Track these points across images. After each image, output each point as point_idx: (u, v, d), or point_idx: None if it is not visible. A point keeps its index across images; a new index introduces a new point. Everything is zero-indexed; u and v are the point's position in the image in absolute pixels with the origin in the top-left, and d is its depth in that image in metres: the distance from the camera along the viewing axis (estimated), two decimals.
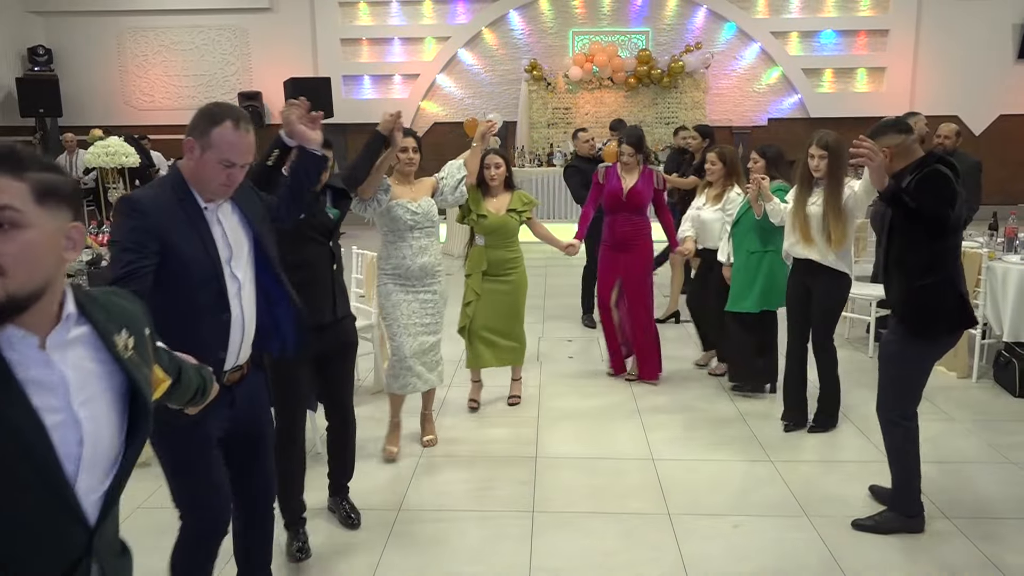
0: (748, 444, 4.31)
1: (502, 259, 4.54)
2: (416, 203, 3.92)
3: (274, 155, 2.72)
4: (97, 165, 4.90)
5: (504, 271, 4.56)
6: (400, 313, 3.97)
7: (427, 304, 4.03)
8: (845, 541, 3.31)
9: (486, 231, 4.49)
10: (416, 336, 4.00)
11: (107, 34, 13.24)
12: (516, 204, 4.50)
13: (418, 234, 3.92)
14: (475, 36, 13.10)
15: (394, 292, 3.97)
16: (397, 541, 3.36)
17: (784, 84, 13.03)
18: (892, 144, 3.22)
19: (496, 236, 4.49)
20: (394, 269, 3.95)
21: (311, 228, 3.09)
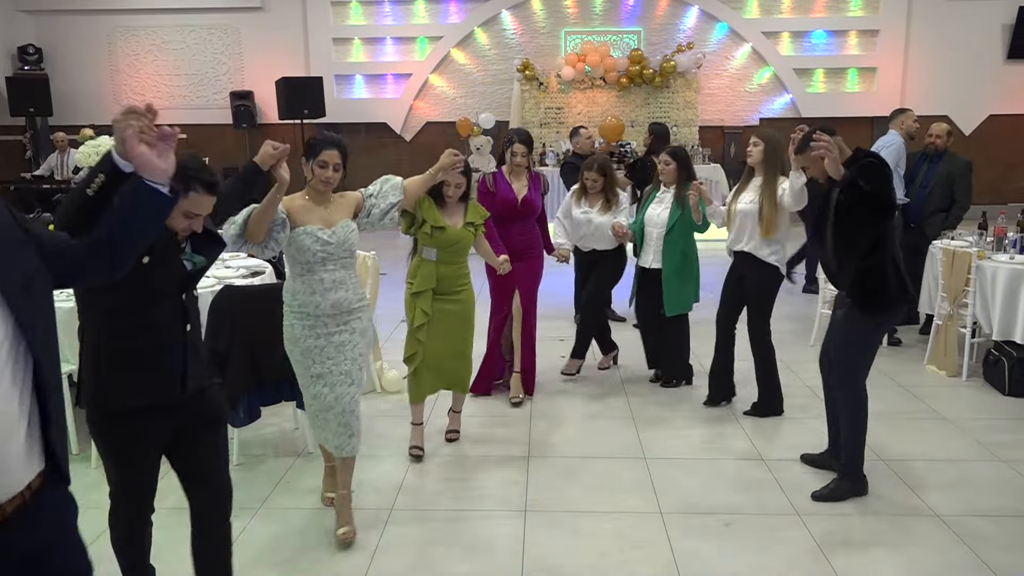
0: (740, 443, 4.33)
1: (454, 276, 4.10)
2: (330, 230, 3.22)
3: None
4: (88, 164, 4.87)
5: (455, 289, 4.12)
6: (311, 361, 3.28)
7: (343, 347, 3.30)
8: (836, 539, 3.33)
9: (441, 245, 4.02)
10: (334, 387, 3.29)
11: (98, 33, 13.17)
12: (473, 217, 4.13)
13: (332, 266, 3.23)
14: (467, 36, 13.08)
15: (302, 336, 3.26)
16: (389, 541, 3.36)
17: (775, 84, 13.07)
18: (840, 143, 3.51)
19: (451, 251, 4.05)
20: (301, 307, 3.26)
21: (163, 280, 2.37)
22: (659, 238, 4.92)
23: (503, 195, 4.78)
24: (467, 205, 4.14)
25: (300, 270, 3.25)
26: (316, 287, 3.23)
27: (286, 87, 11.81)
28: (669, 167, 4.87)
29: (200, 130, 13.21)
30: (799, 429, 4.51)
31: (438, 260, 4.05)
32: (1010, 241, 5.39)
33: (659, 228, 4.92)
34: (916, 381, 5.30)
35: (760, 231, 4.40)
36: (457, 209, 4.11)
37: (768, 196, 4.37)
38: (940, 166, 6.21)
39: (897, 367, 5.59)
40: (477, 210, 4.17)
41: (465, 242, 4.10)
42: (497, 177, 4.83)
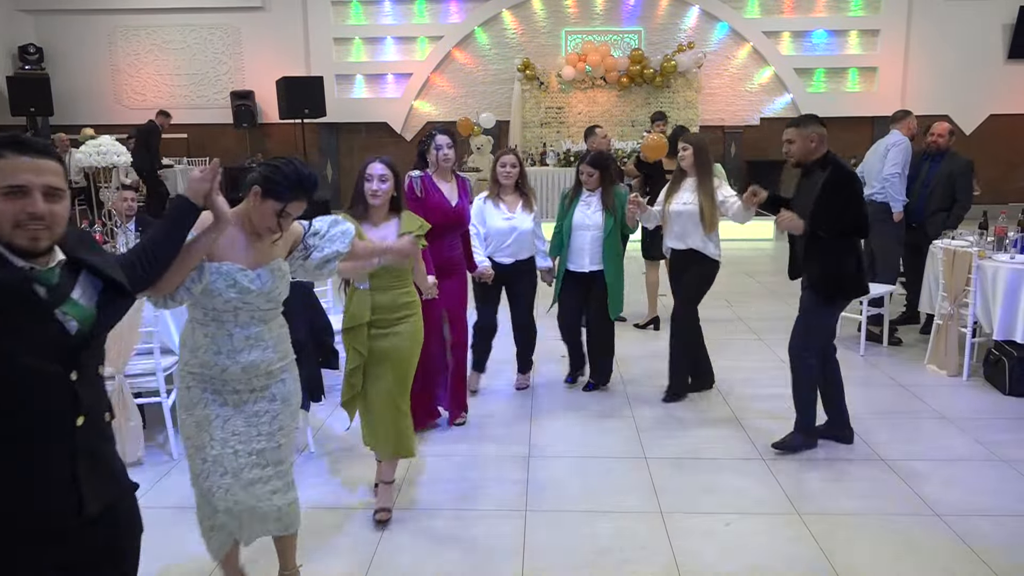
0: (740, 443, 4.33)
1: (394, 303, 3.41)
2: (253, 272, 2.47)
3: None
4: (89, 164, 4.86)
5: (397, 319, 3.42)
6: (210, 438, 2.52)
7: (258, 420, 2.57)
8: (836, 538, 3.32)
9: (373, 269, 3.26)
10: (238, 473, 2.52)
11: (98, 33, 13.19)
12: (409, 226, 3.40)
13: (247, 318, 2.49)
14: (468, 35, 13.10)
15: (201, 402, 2.53)
16: (390, 540, 3.36)
17: (776, 84, 13.08)
18: (817, 133, 4.00)
19: (386, 274, 3.34)
20: (202, 367, 2.51)
21: (29, 347, 1.63)
22: (594, 240, 4.86)
23: (435, 202, 4.20)
24: (400, 214, 3.44)
25: (203, 318, 2.49)
26: (223, 345, 2.48)
27: (287, 87, 11.83)
28: (592, 177, 4.85)
29: (201, 130, 13.25)
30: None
31: (373, 287, 3.36)
32: (1011, 241, 5.39)
33: (594, 231, 4.86)
34: (917, 381, 5.30)
35: (703, 229, 4.66)
36: (386, 220, 3.41)
37: (706, 196, 4.63)
38: (942, 165, 6.21)
39: (898, 367, 5.59)
40: (412, 219, 3.46)
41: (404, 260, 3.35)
42: (427, 181, 4.25)
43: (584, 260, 4.91)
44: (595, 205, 4.89)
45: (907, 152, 6.12)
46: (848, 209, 3.93)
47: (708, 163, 4.75)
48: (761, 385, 5.23)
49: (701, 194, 4.64)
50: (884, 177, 6.09)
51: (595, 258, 4.90)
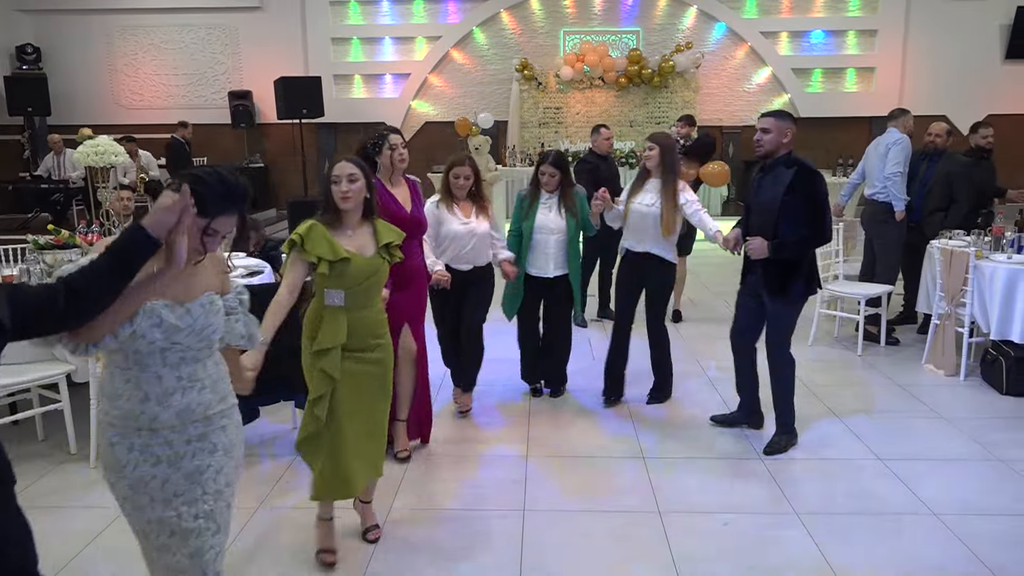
0: (737, 442, 4.33)
1: (370, 323, 3.08)
2: (182, 308, 2.07)
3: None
4: (86, 164, 4.87)
5: (372, 342, 3.10)
6: (147, 500, 2.11)
7: (199, 477, 2.16)
8: (834, 538, 3.33)
9: (350, 283, 2.96)
10: (187, 539, 2.15)
11: (96, 33, 13.16)
12: (388, 236, 3.10)
13: (176, 359, 2.09)
14: (466, 36, 13.09)
15: (129, 461, 2.09)
16: (387, 542, 3.36)
17: (774, 84, 13.08)
18: (789, 129, 4.04)
19: (363, 290, 3.01)
20: (126, 419, 2.08)
21: None
22: (558, 244, 4.73)
23: (391, 211, 3.78)
24: (374, 223, 3.11)
25: (124, 362, 2.07)
26: (151, 390, 2.08)
27: (285, 87, 11.81)
28: (554, 178, 4.71)
29: (199, 130, 13.22)
30: (799, 428, 4.50)
31: (348, 305, 3.00)
32: (1008, 241, 5.40)
33: (558, 234, 4.73)
34: (914, 380, 5.31)
35: (661, 232, 4.54)
36: (362, 229, 3.07)
37: (668, 199, 4.51)
38: (939, 165, 6.22)
39: (895, 366, 5.60)
40: (388, 228, 3.14)
41: (381, 275, 3.09)
42: (378, 187, 3.74)
43: (548, 265, 4.76)
44: (556, 207, 4.76)
45: (907, 150, 6.10)
46: (817, 209, 3.97)
47: (675, 164, 4.60)
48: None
49: (664, 196, 4.52)
50: (886, 176, 6.06)
51: (559, 262, 4.77)
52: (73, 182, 10.38)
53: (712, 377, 5.37)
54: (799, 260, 4.06)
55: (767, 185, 4.11)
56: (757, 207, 4.15)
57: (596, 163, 6.52)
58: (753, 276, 4.23)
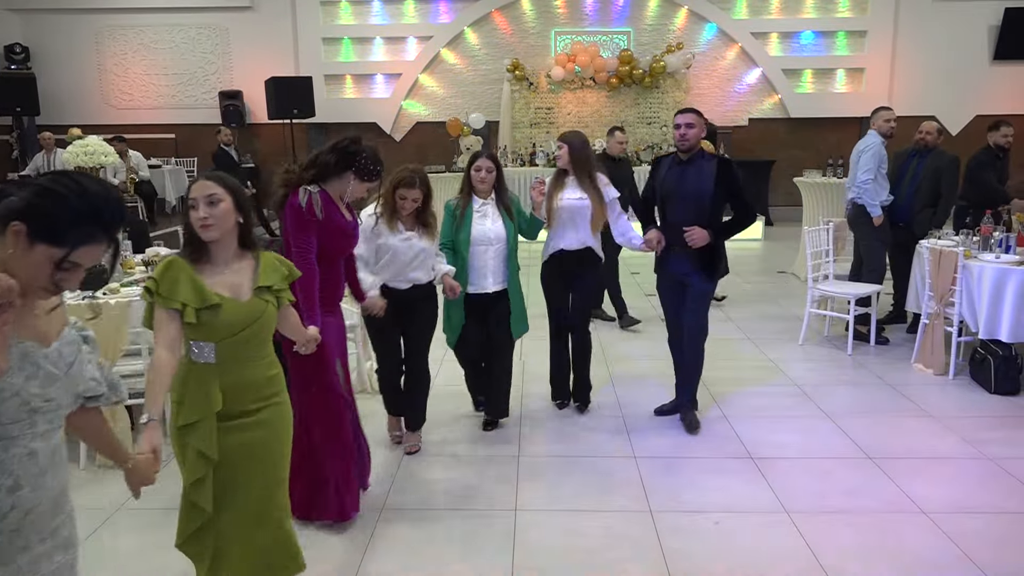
0: (727, 442, 4.35)
1: (253, 383, 2.43)
2: (47, 348, 1.67)
3: None
4: (76, 164, 4.85)
5: (257, 404, 2.45)
6: None
7: None
8: (824, 536, 3.34)
9: (223, 333, 2.33)
10: None
11: (85, 32, 13.10)
12: (271, 277, 2.46)
13: (46, 425, 1.67)
14: (457, 36, 13.09)
15: None
16: (380, 541, 3.36)
17: (764, 85, 13.13)
18: (704, 126, 4.39)
19: (239, 343, 2.37)
20: None
21: None
22: (497, 255, 4.26)
23: (337, 223, 3.30)
24: (257, 256, 2.47)
25: None
26: (25, 473, 1.62)
27: (276, 87, 11.79)
28: (491, 175, 4.25)
29: (189, 130, 13.19)
30: (789, 427, 4.54)
31: (220, 360, 2.35)
32: (996, 240, 5.44)
33: (497, 244, 4.25)
34: (903, 379, 5.34)
35: (592, 227, 4.50)
36: (239, 265, 2.42)
37: (593, 193, 4.47)
38: (927, 161, 6.25)
39: (884, 366, 5.63)
40: (273, 265, 2.50)
41: (265, 322, 2.41)
42: (324, 198, 3.27)
43: (487, 280, 4.26)
44: (492, 214, 4.26)
45: (878, 156, 6.09)
46: (744, 194, 4.35)
47: (587, 160, 4.52)
48: (750, 384, 5.25)
49: (587, 191, 4.47)
50: (857, 184, 6.11)
51: (499, 276, 4.29)
52: None
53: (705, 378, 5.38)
54: (722, 243, 4.39)
55: (691, 177, 4.33)
56: (682, 198, 4.33)
57: (610, 166, 6.41)
58: (674, 264, 4.40)
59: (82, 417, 1.84)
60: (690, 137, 4.29)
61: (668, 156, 4.53)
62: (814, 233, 6.29)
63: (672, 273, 4.46)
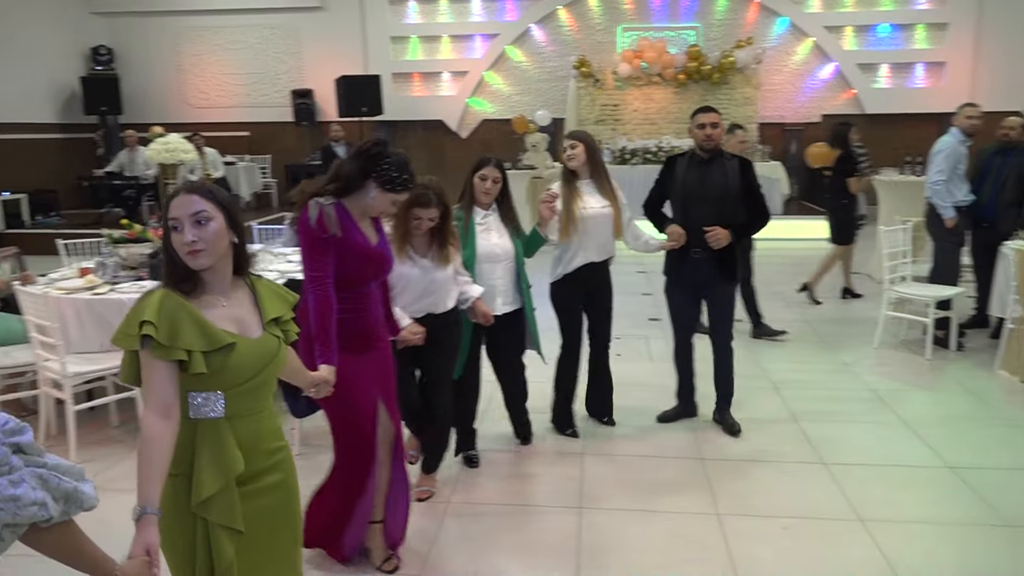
0: (799, 446, 4.25)
1: (262, 435, 2.04)
2: None
3: None
4: (157, 161, 5.03)
5: (268, 462, 2.05)
6: None
7: None
8: (900, 547, 3.24)
9: (235, 380, 1.92)
10: None
11: (165, 34, 13.59)
12: (276, 306, 2.07)
13: None
14: (523, 33, 13.11)
15: None
16: (446, 534, 3.40)
17: (839, 80, 12.77)
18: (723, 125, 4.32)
19: (250, 390, 1.96)
20: None
21: None
22: (507, 273, 3.85)
23: (357, 243, 2.80)
24: (251, 283, 2.06)
25: None
26: None
27: (345, 85, 12.01)
28: (497, 185, 3.79)
29: (262, 128, 13.56)
30: (862, 432, 4.41)
31: (231, 414, 1.94)
32: None
33: (506, 260, 3.83)
34: (986, 387, 5.12)
35: (613, 234, 4.22)
36: (237, 295, 2.00)
37: (612, 198, 4.18)
38: (1012, 159, 5.99)
39: (965, 372, 5.41)
40: (273, 291, 2.10)
41: (278, 363, 2.04)
42: (341, 212, 2.78)
43: (495, 302, 3.81)
44: (496, 227, 3.84)
45: (952, 157, 5.86)
46: (761, 193, 4.33)
47: (602, 160, 4.28)
48: (822, 388, 5.12)
49: (606, 195, 4.16)
50: (929, 185, 5.93)
51: (509, 296, 3.88)
52: (144, 178, 10.72)
53: (776, 381, 5.28)
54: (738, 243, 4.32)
55: (715, 177, 4.21)
56: (702, 198, 4.20)
57: None
58: (691, 271, 4.28)
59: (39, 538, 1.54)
60: (715, 137, 4.20)
61: (684, 155, 4.35)
62: (891, 233, 6.09)
63: (690, 282, 4.33)
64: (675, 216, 4.35)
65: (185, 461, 1.89)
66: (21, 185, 11.38)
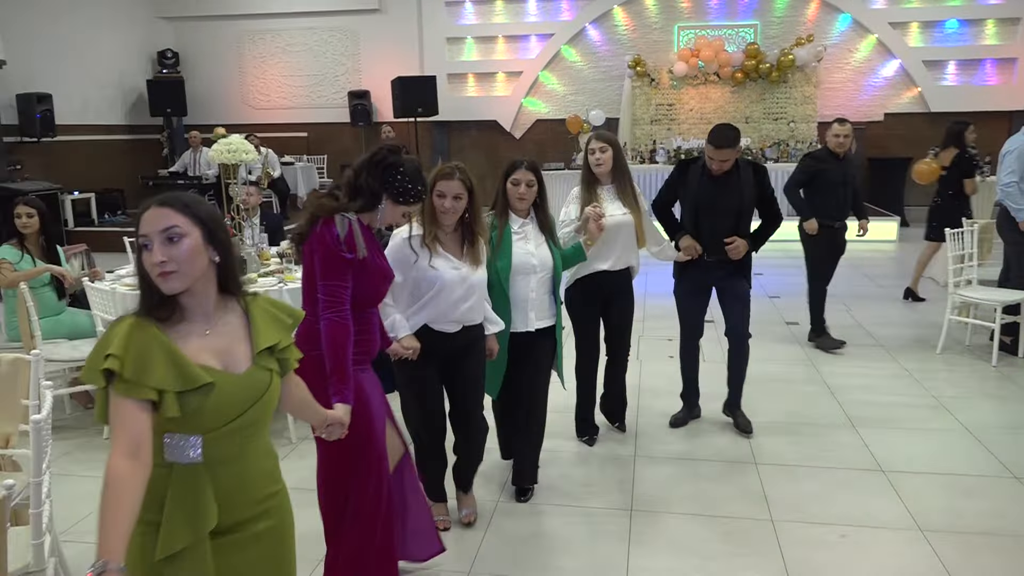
0: (856, 453, 4.15)
1: (252, 481, 1.79)
2: None
3: None
4: (220, 161, 5.16)
5: (256, 509, 1.80)
6: None
7: None
8: (963, 558, 3.14)
9: (215, 421, 1.68)
10: None
11: (228, 37, 13.95)
12: (272, 332, 1.80)
13: None
14: (579, 33, 13.08)
15: None
16: (495, 533, 3.42)
17: (903, 77, 12.42)
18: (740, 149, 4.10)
19: (233, 432, 1.71)
20: None
21: None
22: (541, 286, 3.49)
23: (378, 262, 2.64)
24: (245, 305, 1.79)
25: None
26: None
27: (401, 86, 12.15)
28: (532, 188, 3.43)
29: (319, 128, 13.82)
30: (923, 440, 4.29)
31: (210, 460, 1.69)
32: None
33: (543, 272, 3.48)
34: None
35: (635, 242, 4.03)
36: (225, 319, 1.75)
37: (634, 204, 3.97)
38: None
39: None
40: (271, 314, 1.83)
41: (270, 400, 1.78)
42: (360, 229, 2.54)
43: (528, 316, 3.46)
44: (533, 236, 3.48)
45: (1022, 157, 5.67)
46: (775, 197, 4.30)
47: (626, 166, 4.05)
48: (882, 393, 4.99)
49: (628, 202, 3.94)
50: (1000, 187, 5.71)
51: (543, 311, 3.52)
52: (206, 178, 11.03)
53: (832, 385, 5.17)
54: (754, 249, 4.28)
55: (732, 189, 4.08)
56: (721, 212, 4.10)
57: (831, 164, 5.77)
58: (702, 270, 4.21)
59: None
60: (726, 168, 4.03)
61: (696, 162, 4.18)
62: (956, 235, 5.90)
63: (700, 284, 4.29)
64: (687, 224, 4.26)
65: (156, 507, 1.64)
66: (90, 185, 11.83)
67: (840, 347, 5.92)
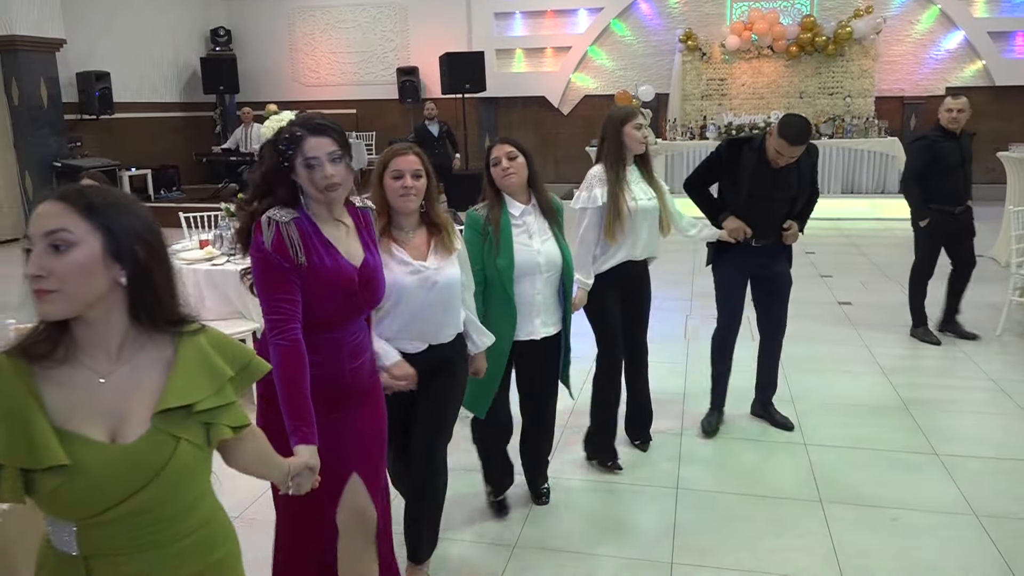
0: (910, 436, 4.07)
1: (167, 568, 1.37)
2: None
3: None
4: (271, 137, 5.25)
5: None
6: None
7: None
8: (1021, 546, 3.06)
9: (84, 509, 1.27)
10: None
11: (279, 14, 14.08)
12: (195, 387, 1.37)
13: None
14: (628, 7, 12.86)
15: None
16: (540, 512, 3.44)
17: (966, 50, 11.95)
18: None
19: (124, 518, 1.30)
20: None
21: None
22: (548, 286, 3.09)
23: (326, 269, 2.07)
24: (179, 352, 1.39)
25: None
26: None
27: (449, 62, 12.13)
28: (515, 161, 2.99)
29: (368, 105, 13.89)
30: (980, 423, 4.18)
31: (91, 554, 1.31)
32: None
33: (549, 272, 3.07)
34: None
35: (660, 231, 3.67)
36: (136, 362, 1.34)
37: (658, 187, 3.63)
38: None
39: None
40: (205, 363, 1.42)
41: (171, 480, 1.33)
42: (304, 227, 2.07)
43: (534, 323, 3.08)
44: (537, 228, 3.05)
45: None
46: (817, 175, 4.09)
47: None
48: (937, 376, 4.88)
49: (656, 187, 3.62)
50: None
51: (552, 315, 3.14)
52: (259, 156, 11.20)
53: (885, 366, 5.06)
54: None
55: (792, 173, 3.83)
56: (772, 199, 3.84)
57: (946, 143, 5.34)
58: (752, 256, 3.93)
59: None
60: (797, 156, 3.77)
61: (750, 144, 3.84)
62: (1020, 213, 5.69)
63: (747, 263, 3.95)
64: (736, 208, 3.87)
65: None
66: (146, 162, 12.11)
67: (934, 343, 5.47)
